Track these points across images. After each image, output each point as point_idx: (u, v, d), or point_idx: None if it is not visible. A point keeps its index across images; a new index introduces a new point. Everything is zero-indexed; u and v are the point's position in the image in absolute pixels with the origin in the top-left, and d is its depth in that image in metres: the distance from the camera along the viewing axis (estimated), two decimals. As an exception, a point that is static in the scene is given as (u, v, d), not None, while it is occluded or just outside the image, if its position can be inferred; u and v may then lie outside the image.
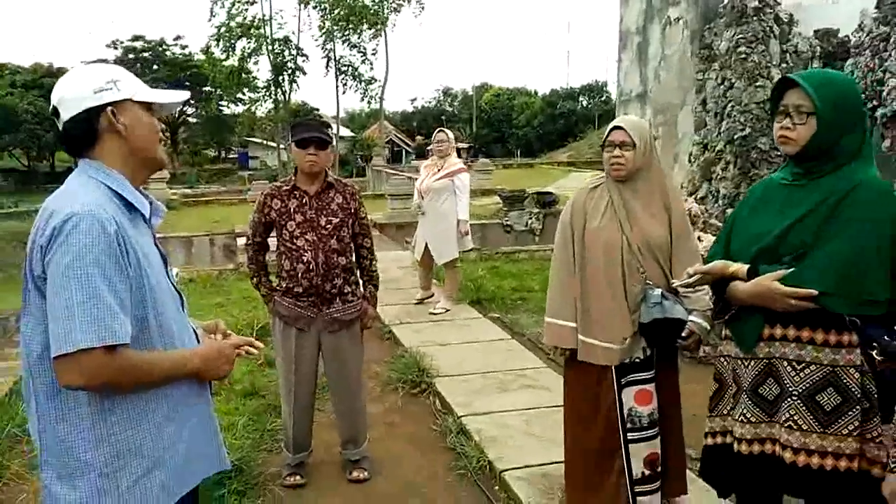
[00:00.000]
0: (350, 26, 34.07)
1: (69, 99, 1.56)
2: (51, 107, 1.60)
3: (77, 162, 1.61)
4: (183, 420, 1.64)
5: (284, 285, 3.24)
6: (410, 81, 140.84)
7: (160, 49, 44.26)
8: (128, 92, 1.59)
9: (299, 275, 3.17)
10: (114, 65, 1.67)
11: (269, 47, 34.52)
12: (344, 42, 35.41)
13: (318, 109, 38.54)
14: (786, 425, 1.92)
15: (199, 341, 1.71)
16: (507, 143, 50.84)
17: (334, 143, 3.28)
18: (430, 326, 6.00)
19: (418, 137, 47.70)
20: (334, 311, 3.25)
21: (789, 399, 1.92)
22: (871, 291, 1.81)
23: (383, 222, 12.19)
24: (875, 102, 5.47)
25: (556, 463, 3.15)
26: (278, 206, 3.21)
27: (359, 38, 34.78)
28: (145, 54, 43.79)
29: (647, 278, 2.70)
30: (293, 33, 40.91)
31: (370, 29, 34.55)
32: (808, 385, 1.89)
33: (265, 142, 38.58)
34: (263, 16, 34.49)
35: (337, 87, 36.28)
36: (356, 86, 36.82)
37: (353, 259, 3.33)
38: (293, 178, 3.24)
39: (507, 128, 51.97)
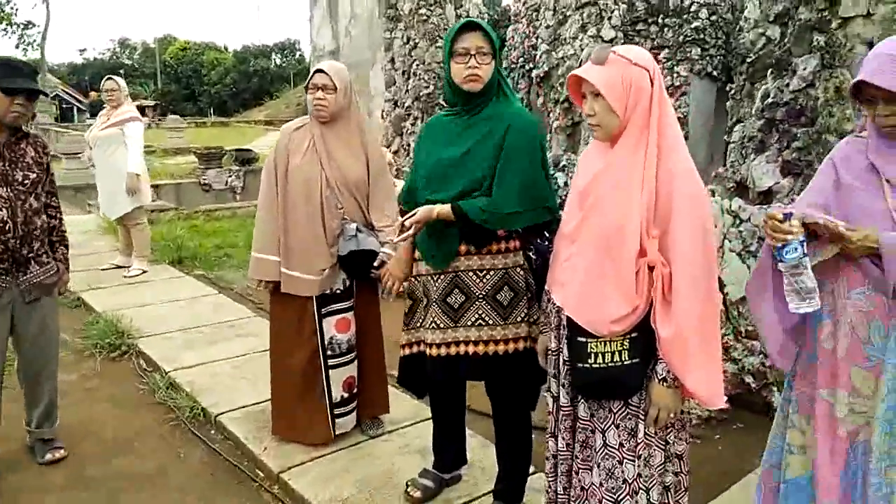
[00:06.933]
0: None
1: None
2: None
3: None
4: None
5: None
6: (79, 29, 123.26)
7: None
8: None
9: None
10: None
11: None
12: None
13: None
14: (476, 325, 2.29)
15: None
16: (198, 100, 47.85)
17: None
18: (127, 289, 5.62)
19: (92, 93, 42.35)
20: (32, 276, 2.88)
21: (477, 302, 2.29)
22: (547, 201, 2.24)
23: (58, 185, 10.82)
24: (531, 64, 6.39)
25: (270, 400, 3.27)
26: None
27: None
28: None
29: (345, 214, 2.93)
30: None
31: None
32: (489, 288, 2.28)
33: None
34: None
35: (-20, 30, 30.60)
36: (6, 29, 31.40)
37: (46, 219, 2.99)
38: None
39: (198, 85, 48.88)
